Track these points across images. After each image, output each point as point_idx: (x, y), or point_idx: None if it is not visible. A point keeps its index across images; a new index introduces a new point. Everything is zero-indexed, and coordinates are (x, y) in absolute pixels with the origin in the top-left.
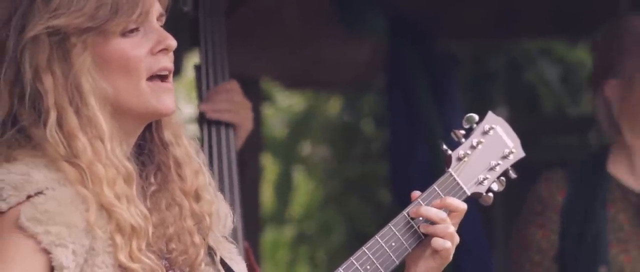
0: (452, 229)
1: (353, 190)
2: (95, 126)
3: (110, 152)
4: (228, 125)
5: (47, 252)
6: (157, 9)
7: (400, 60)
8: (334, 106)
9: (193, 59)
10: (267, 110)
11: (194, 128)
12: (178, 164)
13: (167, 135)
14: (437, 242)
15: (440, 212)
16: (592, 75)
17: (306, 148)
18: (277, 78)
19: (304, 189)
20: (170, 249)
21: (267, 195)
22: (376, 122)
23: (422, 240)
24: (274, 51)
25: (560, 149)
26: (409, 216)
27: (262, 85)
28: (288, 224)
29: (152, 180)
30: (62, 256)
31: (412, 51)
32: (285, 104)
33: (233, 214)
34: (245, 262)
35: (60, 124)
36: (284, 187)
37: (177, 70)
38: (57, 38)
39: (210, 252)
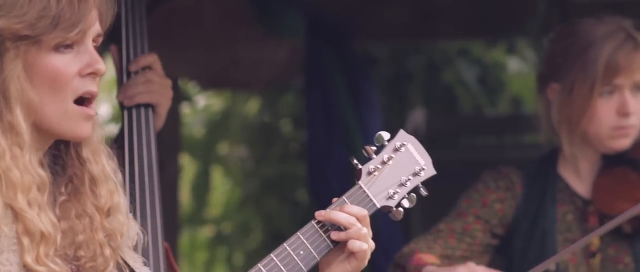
0: (366, 230)
1: (271, 190)
2: (16, 134)
3: (27, 161)
4: (147, 106)
5: None
6: (95, 30)
7: (318, 61)
8: (252, 106)
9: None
10: (185, 110)
11: (112, 128)
12: (93, 181)
13: (86, 152)
14: (354, 244)
15: (349, 217)
16: (537, 75)
17: (224, 148)
18: (195, 78)
19: (222, 189)
20: (79, 256)
21: (185, 195)
22: (294, 122)
23: (331, 249)
24: (192, 51)
25: (478, 150)
26: (317, 224)
27: (180, 85)
28: (206, 224)
29: (63, 190)
30: None
31: (330, 52)
32: (203, 104)
33: (154, 195)
34: (165, 262)
35: None
36: (202, 187)
37: None
38: None
39: (122, 268)
